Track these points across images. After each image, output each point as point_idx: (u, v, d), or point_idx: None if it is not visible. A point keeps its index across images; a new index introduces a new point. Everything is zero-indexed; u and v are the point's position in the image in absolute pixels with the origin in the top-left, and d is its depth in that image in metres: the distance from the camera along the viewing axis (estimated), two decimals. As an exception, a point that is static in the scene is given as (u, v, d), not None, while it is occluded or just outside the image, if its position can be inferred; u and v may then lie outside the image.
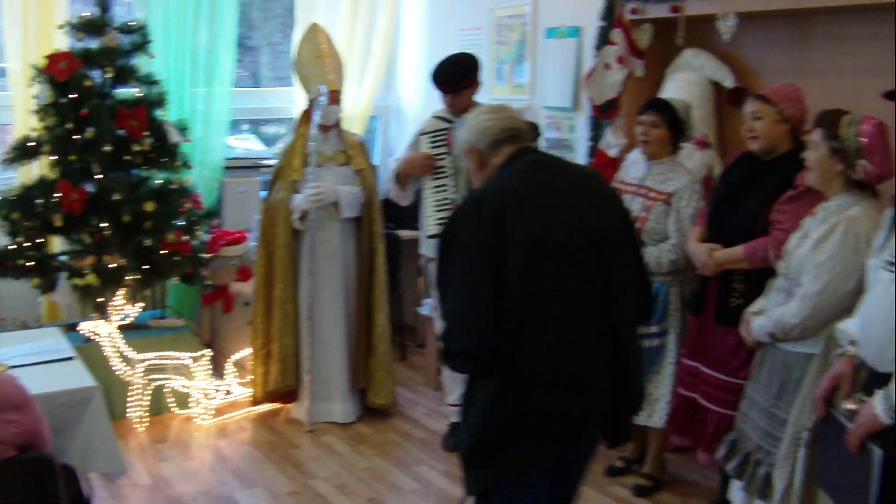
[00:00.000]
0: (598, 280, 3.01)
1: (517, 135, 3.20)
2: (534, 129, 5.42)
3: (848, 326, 3.37)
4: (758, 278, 4.28)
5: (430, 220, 5.42)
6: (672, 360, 4.90)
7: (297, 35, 6.73)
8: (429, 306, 6.48)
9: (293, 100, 7.47)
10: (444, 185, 5.39)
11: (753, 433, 4.05)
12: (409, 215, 6.63)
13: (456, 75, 5.40)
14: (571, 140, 6.46)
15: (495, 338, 2.89)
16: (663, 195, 4.88)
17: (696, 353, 4.67)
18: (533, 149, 3.23)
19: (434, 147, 5.44)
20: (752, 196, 4.40)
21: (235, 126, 7.80)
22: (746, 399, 4.15)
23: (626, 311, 3.10)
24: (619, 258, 3.09)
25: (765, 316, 3.99)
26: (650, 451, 5.21)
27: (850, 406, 3.15)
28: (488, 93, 7.07)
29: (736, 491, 4.24)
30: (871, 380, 3.09)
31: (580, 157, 6.31)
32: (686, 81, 5.56)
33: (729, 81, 5.43)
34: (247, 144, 8.05)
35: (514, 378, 2.94)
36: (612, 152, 5.77)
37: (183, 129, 6.15)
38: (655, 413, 4.95)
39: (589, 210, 3.07)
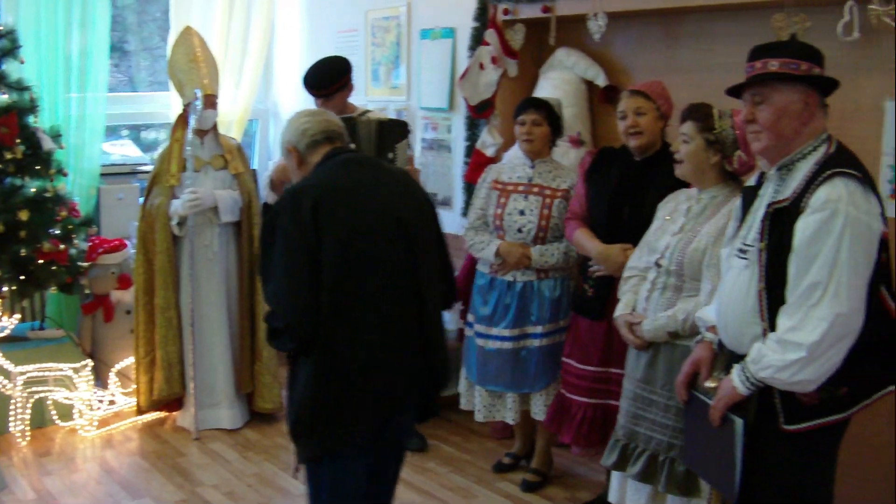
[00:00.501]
0: (407, 266, 3.36)
1: (333, 136, 3.52)
2: (403, 128, 5.42)
3: (705, 313, 3.49)
4: None
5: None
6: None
7: (172, 39, 6.65)
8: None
9: (170, 104, 7.33)
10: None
11: (658, 434, 3.95)
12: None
13: (327, 79, 5.38)
14: (448, 140, 6.48)
15: (314, 316, 3.19)
16: (560, 191, 4.88)
17: (606, 358, 4.55)
18: (346, 149, 3.54)
19: (309, 150, 5.38)
20: (650, 193, 4.35)
21: (114, 132, 7.66)
22: (636, 401, 4.04)
23: (431, 296, 3.44)
24: (425, 247, 3.45)
25: (663, 316, 3.92)
26: (537, 447, 5.24)
27: (710, 385, 3.29)
28: (364, 94, 7.06)
29: (633, 494, 4.13)
30: (731, 362, 3.21)
31: (457, 156, 6.35)
32: (559, 80, 5.62)
33: (601, 80, 5.50)
34: (124, 150, 7.91)
35: (333, 356, 3.24)
36: (489, 152, 5.82)
37: (56, 135, 5.96)
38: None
39: (397, 203, 3.41)
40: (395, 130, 5.36)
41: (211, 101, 5.78)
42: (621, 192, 4.51)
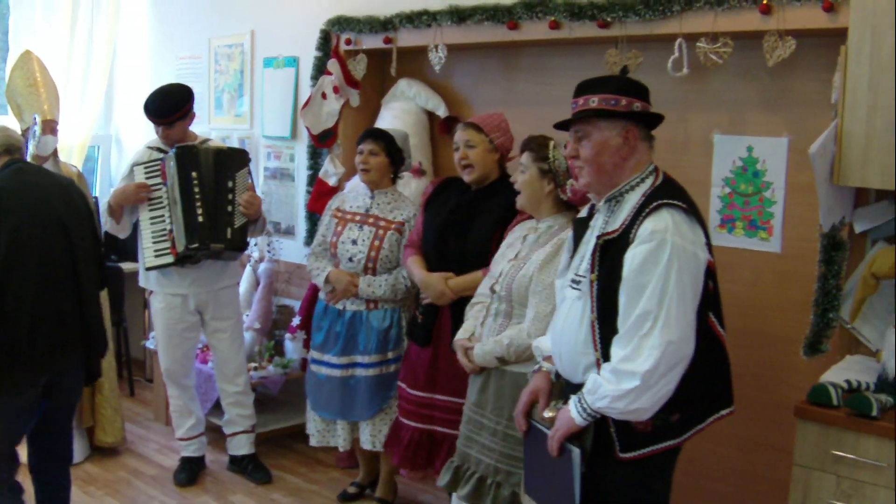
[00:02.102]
0: (67, 254, 4.08)
1: (12, 149, 4.19)
2: (243, 157, 5.31)
3: (541, 343, 3.47)
4: None
5: (148, 252, 5.17)
6: None
7: (12, 62, 6.38)
8: (154, 339, 6.26)
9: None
10: (160, 216, 5.16)
11: (486, 457, 3.95)
12: (132, 247, 6.38)
13: (168, 107, 5.19)
14: (292, 169, 6.36)
15: None
16: (395, 223, 4.82)
17: (431, 384, 4.54)
18: (20, 159, 4.22)
19: (149, 177, 5.21)
20: (478, 223, 4.39)
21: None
22: (470, 424, 4.04)
23: (86, 277, 4.15)
24: (80, 237, 4.15)
25: (491, 341, 3.92)
26: (381, 475, 5.16)
27: (548, 414, 3.25)
28: (207, 122, 6.90)
29: None
30: (568, 391, 3.19)
31: (300, 185, 6.25)
32: (401, 110, 5.57)
33: (442, 111, 5.47)
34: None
35: (3, 320, 3.83)
36: (332, 181, 5.74)
37: None
38: (377, 437, 4.90)
39: (56, 202, 4.11)
40: (234, 159, 5.25)
41: (50, 127, 5.53)
42: (450, 223, 4.51)
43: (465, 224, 4.46)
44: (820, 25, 3.82)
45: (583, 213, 3.34)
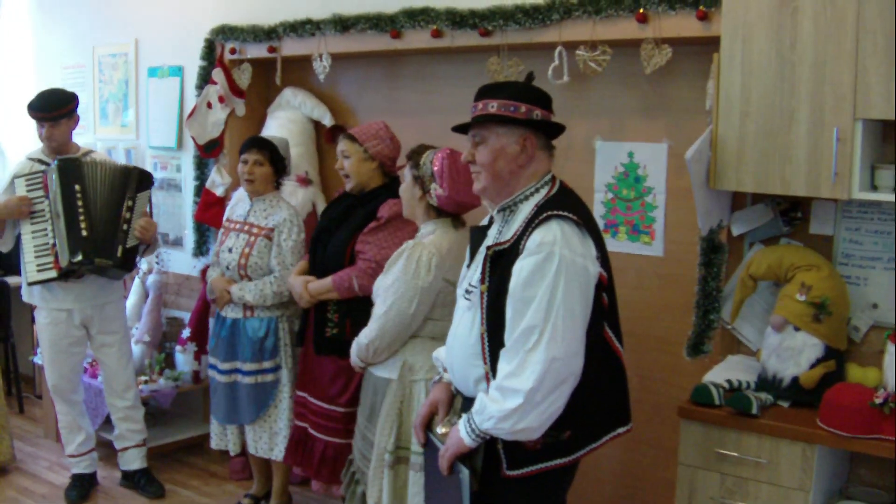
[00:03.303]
0: None
1: None
2: (149, 179, 5.20)
3: (440, 353, 3.39)
4: (349, 308, 4.35)
5: (31, 266, 5.00)
6: (287, 394, 4.82)
7: None
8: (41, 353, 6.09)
9: None
10: (43, 230, 5.00)
11: (357, 455, 4.09)
12: (17, 261, 6.18)
13: (53, 103, 5.05)
14: (178, 179, 6.23)
15: None
16: (265, 230, 4.78)
17: (303, 383, 4.67)
18: None
19: (30, 190, 5.05)
20: (342, 229, 4.44)
21: None
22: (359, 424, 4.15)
23: None
24: None
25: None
26: (275, 486, 5.09)
27: (441, 430, 3.18)
28: (93, 133, 6.73)
29: None
30: (466, 404, 3.11)
31: (187, 195, 6.13)
32: (286, 120, 5.50)
33: (327, 119, 5.42)
34: None
35: None
36: (219, 191, 5.65)
37: None
38: (276, 447, 4.85)
39: None
40: (138, 179, 5.12)
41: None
42: (320, 231, 4.59)
43: (331, 232, 4.51)
44: (694, 34, 3.86)
45: (484, 220, 3.26)
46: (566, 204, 2.94)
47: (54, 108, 5.05)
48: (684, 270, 4.16)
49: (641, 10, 3.95)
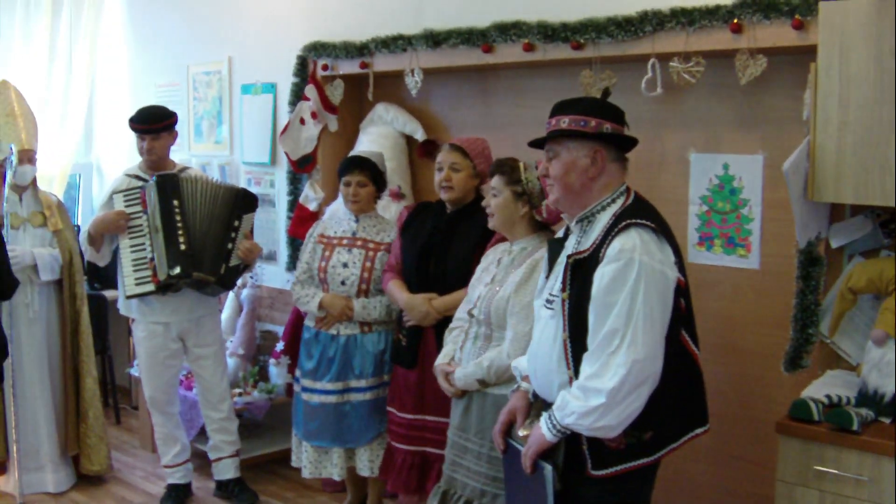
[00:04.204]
0: None
1: None
2: (254, 201, 5.31)
3: (519, 363, 3.47)
4: None
5: (129, 280, 5.14)
6: None
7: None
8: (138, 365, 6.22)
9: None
10: (141, 244, 5.14)
11: (472, 480, 3.92)
12: (115, 275, 6.33)
13: (155, 116, 5.24)
14: (272, 195, 6.34)
15: None
16: (383, 245, 4.81)
17: (419, 406, 4.51)
18: None
19: (128, 205, 5.20)
20: (457, 244, 4.40)
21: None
22: (454, 448, 4.02)
23: None
24: None
25: (472, 364, 3.92)
26: (369, 499, 5.13)
27: (523, 433, 3.26)
28: (187, 149, 6.88)
29: None
30: (544, 410, 3.18)
31: (281, 211, 6.23)
32: (379, 135, 5.56)
33: (419, 134, 5.46)
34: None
35: None
36: (312, 206, 5.73)
37: None
38: (375, 463, 4.86)
39: None
40: (245, 200, 5.25)
41: (27, 157, 5.51)
42: (429, 245, 4.51)
43: (444, 246, 4.46)
44: (790, 43, 3.83)
45: (559, 233, 3.35)
46: (642, 213, 3.06)
47: (156, 121, 5.22)
48: (781, 283, 4.11)
49: (736, 21, 3.93)
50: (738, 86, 4.06)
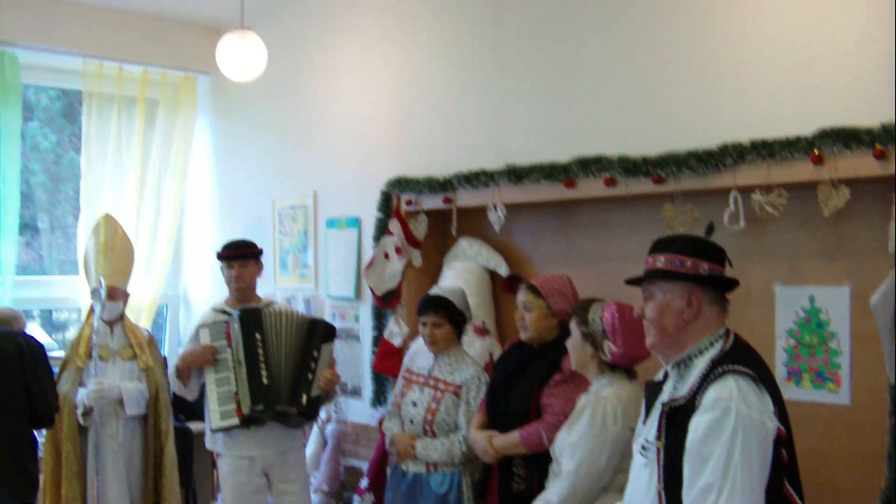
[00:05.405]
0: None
1: None
2: (333, 332, 5.43)
3: None
4: (537, 463, 4.26)
5: (215, 414, 5.23)
6: None
7: (83, 220, 6.67)
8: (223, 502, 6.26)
9: (80, 288, 7.15)
10: (226, 377, 5.24)
11: None
12: (200, 408, 6.43)
13: (243, 244, 5.48)
14: (356, 329, 6.44)
15: None
16: (452, 386, 4.80)
17: None
18: None
19: (214, 339, 5.33)
20: (523, 382, 4.42)
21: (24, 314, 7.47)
22: None
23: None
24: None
25: (540, 498, 3.98)
26: None
27: None
28: (272, 282, 7.04)
29: None
30: None
31: (366, 345, 6.30)
32: (463, 269, 5.62)
33: (503, 269, 5.51)
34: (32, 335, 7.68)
35: None
36: (396, 341, 5.78)
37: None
38: None
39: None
40: (324, 331, 5.38)
41: (113, 293, 5.67)
42: (499, 382, 4.56)
43: (512, 384, 4.49)
44: (872, 173, 3.83)
45: (659, 375, 3.27)
46: (741, 358, 2.96)
47: (244, 248, 5.42)
48: (874, 419, 4.02)
49: (816, 152, 3.94)
50: (822, 217, 4.05)
